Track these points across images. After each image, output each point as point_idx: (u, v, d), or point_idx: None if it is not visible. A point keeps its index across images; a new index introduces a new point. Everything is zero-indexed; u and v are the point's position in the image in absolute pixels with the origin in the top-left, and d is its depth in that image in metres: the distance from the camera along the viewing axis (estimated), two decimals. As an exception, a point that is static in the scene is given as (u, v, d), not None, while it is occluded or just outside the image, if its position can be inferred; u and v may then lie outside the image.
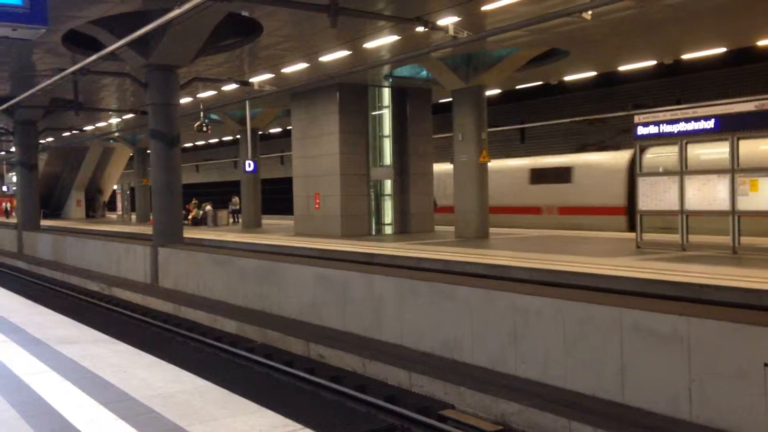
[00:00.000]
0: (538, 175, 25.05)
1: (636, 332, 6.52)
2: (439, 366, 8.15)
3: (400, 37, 16.43)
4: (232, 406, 4.57)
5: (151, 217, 18.14)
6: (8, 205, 50.81)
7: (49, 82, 17.75)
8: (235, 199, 34.15)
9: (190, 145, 51.23)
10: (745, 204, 13.31)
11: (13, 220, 34.85)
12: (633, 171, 22.37)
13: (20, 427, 4.24)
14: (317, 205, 22.69)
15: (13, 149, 32.95)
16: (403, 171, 22.83)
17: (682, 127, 14.18)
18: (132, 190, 41.81)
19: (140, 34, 12.80)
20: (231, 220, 33.61)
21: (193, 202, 35.16)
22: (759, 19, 16.13)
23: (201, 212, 33.38)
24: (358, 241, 19.68)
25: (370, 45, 17.07)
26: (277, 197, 43.25)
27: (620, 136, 29.56)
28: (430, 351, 8.73)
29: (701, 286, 9.94)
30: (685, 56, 20.63)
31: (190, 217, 32.79)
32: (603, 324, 6.81)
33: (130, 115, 27.48)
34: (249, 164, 27.24)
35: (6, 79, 21.41)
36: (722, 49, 19.73)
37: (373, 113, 22.72)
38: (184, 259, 15.05)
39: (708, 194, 13.82)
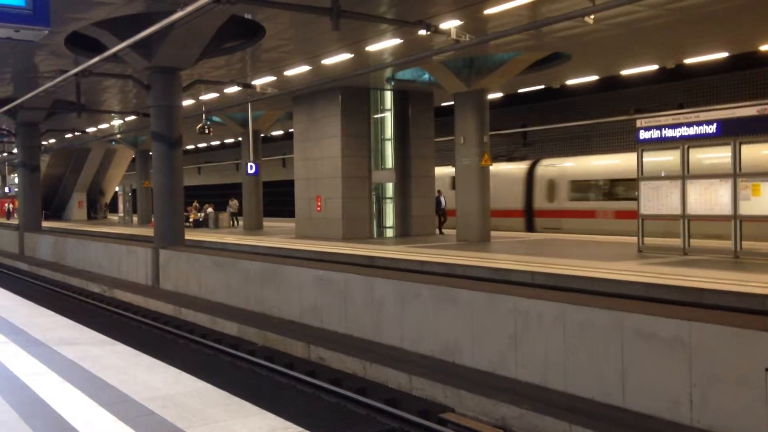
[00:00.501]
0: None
1: (637, 336, 6.51)
2: (439, 369, 8.14)
3: (402, 41, 16.44)
4: (232, 408, 4.57)
5: (153, 219, 18.15)
6: (10, 206, 50.88)
7: (51, 83, 17.77)
8: (234, 202, 34.08)
9: (192, 147, 51.32)
10: (747, 208, 13.30)
11: (15, 221, 34.87)
12: (530, 179, 25.61)
13: (20, 427, 4.24)
14: (319, 208, 22.69)
15: (15, 150, 33.00)
16: (404, 174, 22.84)
17: (684, 131, 14.18)
18: (134, 191, 41.86)
19: (143, 37, 12.81)
20: (231, 223, 33.58)
21: (194, 204, 35.18)
22: (761, 25, 16.14)
23: (202, 214, 33.39)
24: (360, 244, 19.68)
25: (372, 48, 17.09)
26: (277, 200, 43.36)
27: (525, 147, 33.33)
28: (430, 354, 8.72)
29: (702, 290, 9.93)
30: (688, 61, 20.63)
31: (191, 219, 32.80)
32: (604, 328, 6.79)
33: (132, 117, 27.53)
34: (251, 166, 27.27)
35: (8, 80, 21.44)
36: (725, 54, 19.74)
37: (375, 116, 22.74)
38: (185, 261, 15.05)
39: (710, 199, 13.81)
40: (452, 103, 20.63)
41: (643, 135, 14.91)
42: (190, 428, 4.16)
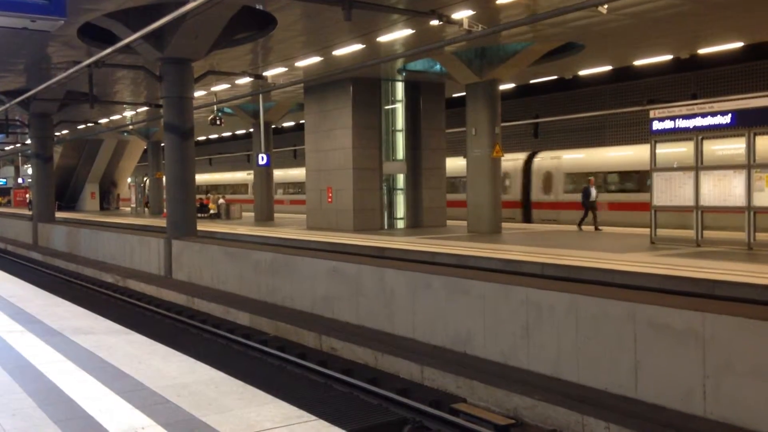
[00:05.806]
0: None
1: (650, 328, 6.50)
2: (451, 360, 8.15)
3: (414, 31, 16.39)
4: (246, 397, 4.60)
5: (165, 210, 18.22)
6: (29, 196, 51.24)
7: (64, 74, 17.84)
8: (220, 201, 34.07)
9: (204, 138, 51.44)
10: (762, 200, 13.21)
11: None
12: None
13: (36, 415, 4.29)
14: (330, 199, 22.72)
15: (28, 141, 33.19)
16: (415, 165, 22.82)
17: (698, 122, 14.08)
18: (146, 182, 42.04)
19: (155, 27, 12.84)
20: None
21: (208, 195, 35.40)
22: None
23: (215, 205, 33.60)
24: (371, 235, 19.71)
25: (383, 39, 17.04)
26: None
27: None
28: (442, 345, 8.73)
29: (714, 281, 9.88)
30: (702, 51, 20.45)
31: (211, 210, 33.09)
32: (617, 319, 6.78)
33: (144, 108, 27.62)
34: (262, 157, 27.30)
35: (22, 71, 21.56)
36: (740, 44, 19.55)
37: (386, 107, 22.70)
38: (197, 251, 15.12)
39: (724, 190, 13.72)
40: (464, 94, 20.57)
41: (657, 126, 14.81)
42: (205, 416, 4.20)
